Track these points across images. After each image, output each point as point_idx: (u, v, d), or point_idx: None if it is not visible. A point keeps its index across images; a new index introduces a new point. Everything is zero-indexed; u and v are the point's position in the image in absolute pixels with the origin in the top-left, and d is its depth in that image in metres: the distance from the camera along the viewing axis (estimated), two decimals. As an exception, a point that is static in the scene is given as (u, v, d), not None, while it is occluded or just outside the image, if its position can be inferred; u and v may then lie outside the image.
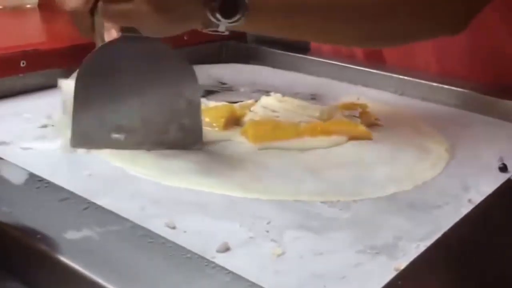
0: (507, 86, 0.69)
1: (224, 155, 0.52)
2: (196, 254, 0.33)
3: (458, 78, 0.70)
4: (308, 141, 0.54)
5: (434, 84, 0.69)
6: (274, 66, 0.81)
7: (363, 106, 0.59)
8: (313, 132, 0.55)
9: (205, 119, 0.54)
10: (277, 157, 0.51)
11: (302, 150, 0.53)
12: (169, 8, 0.45)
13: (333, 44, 0.76)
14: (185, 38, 0.79)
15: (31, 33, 0.81)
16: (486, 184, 0.47)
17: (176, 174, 0.47)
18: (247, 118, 0.57)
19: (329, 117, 0.57)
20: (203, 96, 0.63)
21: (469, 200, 0.45)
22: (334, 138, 0.54)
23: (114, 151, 0.50)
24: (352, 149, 0.54)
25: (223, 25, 0.46)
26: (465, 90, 0.67)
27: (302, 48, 0.82)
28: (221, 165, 0.49)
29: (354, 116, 0.57)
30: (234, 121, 0.56)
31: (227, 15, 0.46)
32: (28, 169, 0.42)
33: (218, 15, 0.45)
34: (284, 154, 0.52)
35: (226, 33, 0.47)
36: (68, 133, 0.50)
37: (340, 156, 0.53)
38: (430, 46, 0.73)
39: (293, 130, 0.54)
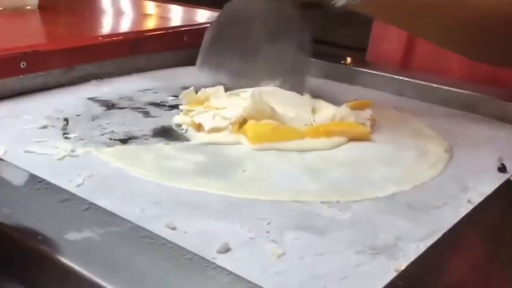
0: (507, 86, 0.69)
1: (224, 155, 0.52)
2: (196, 255, 0.33)
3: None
4: (308, 142, 0.54)
5: (434, 85, 0.69)
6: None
7: (367, 104, 0.59)
8: (315, 133, 0.54)
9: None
10: (277, 157, 0.52)
11: (303, 151, 0.53)
12: None
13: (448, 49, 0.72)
14: (185, 39, 0.80)
15: (31, 34, 0.81)
16: (486, 185, 0.47)
17: (176, 175, 0.47)
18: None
19: (343, 119, 0.57)
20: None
21: (469, 201, 0.45)
22: (335, 139, 0.54)
23: (115, 151, 0.50)
24: (351, 149, 0.54)
25: (342, 1, 0.48)
26: (465, 91, 0.67)
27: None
28: (221, 166, 0.50)
29: (367, 119, 0.57)
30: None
31: None
32: (28, 170, 0.42)
33: None
34: (283, 155, 0.52)
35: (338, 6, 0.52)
36: None
37: (340, 157, 0.53)
38: None
39: (294, 131, 0.54)
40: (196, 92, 0.59)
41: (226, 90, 0.61)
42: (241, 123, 0.55)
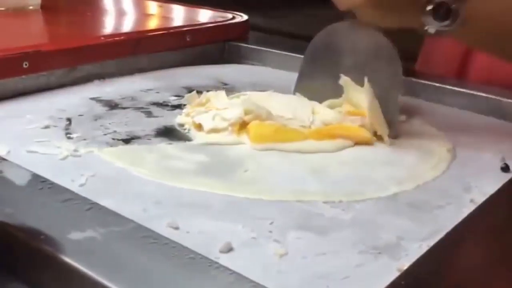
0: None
1: (226, 155, 0.52)
2: (199, 254, 0.33)
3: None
4: (311, 144, 0.54)
5: (436, 84, 0.69)
6: (274, 67, 0.81)
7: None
8: (318, 136, 0.54)
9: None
10: (279, 157, 0.52)
11: (305, 153, 0.53)
12: (383, 3, 0.52)
13: None
14: (187, 39, 0.80)
15: (34, 34, 0.81)
16: (488, 184, 0.47)
17: (178, 174, 0.47)
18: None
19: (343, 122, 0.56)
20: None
21: (471, 200, 0.45)
22: (339, 141, 0.54)
23: (118, 151, 0.50)
24: (354, 149, 0.54)
25: (433, 28, 0.48)
26: (467, 91, 0.67)
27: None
28: (223, 166, 0.50)
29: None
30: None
31: (439, 18, 0.48)
32: (31, 170, 0.42)
33: (430, 18, 0.49)
34: (286, 155, 0.52)
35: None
36: None
37: (342, 157, 0.53)
38: None
39: (297, 133, 0.54)
40: (199, 93, 0.60)
41: (228, 93, 0.61)
42: (241, 124, 0.55)
